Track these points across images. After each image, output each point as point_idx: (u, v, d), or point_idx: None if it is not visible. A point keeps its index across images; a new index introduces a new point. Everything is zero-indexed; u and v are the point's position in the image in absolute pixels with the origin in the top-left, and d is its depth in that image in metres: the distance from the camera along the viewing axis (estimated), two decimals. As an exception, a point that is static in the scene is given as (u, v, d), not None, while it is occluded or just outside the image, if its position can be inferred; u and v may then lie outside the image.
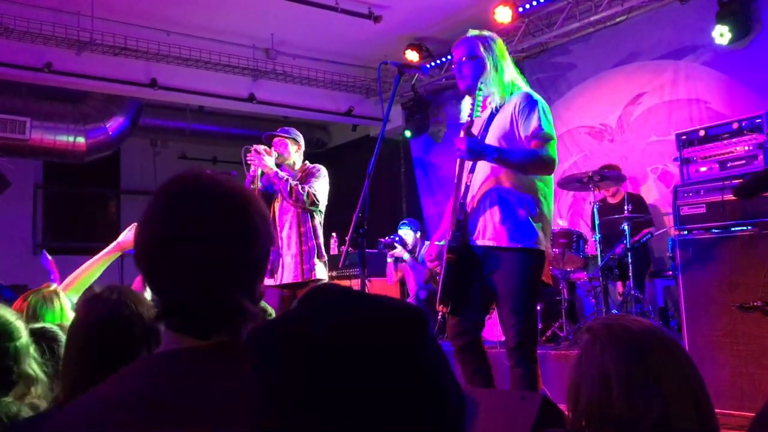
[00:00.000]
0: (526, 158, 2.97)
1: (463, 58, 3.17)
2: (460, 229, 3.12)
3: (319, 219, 4.45)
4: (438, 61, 7.89)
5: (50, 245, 9.98)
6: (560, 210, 7.18)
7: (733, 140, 4.05)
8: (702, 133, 4.25)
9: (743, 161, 4.01)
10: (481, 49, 3.15)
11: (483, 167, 3.10)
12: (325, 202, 4.45)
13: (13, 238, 9.25)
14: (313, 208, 4.32)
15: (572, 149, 7.13)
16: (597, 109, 6.96)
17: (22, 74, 6.90)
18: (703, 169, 4.19)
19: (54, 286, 2.60)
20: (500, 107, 3.13)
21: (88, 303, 1.60)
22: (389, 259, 7.07)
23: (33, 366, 1.78)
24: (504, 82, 3.14)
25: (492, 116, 3.14)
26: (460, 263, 3.08)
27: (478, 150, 2.93)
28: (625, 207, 5.40)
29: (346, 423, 0.63)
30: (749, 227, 3.79)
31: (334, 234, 7.04)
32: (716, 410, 1.35)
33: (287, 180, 4.25)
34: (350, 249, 3.20)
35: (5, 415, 1.62)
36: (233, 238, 1.04)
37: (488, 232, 3.05)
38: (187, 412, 0.92)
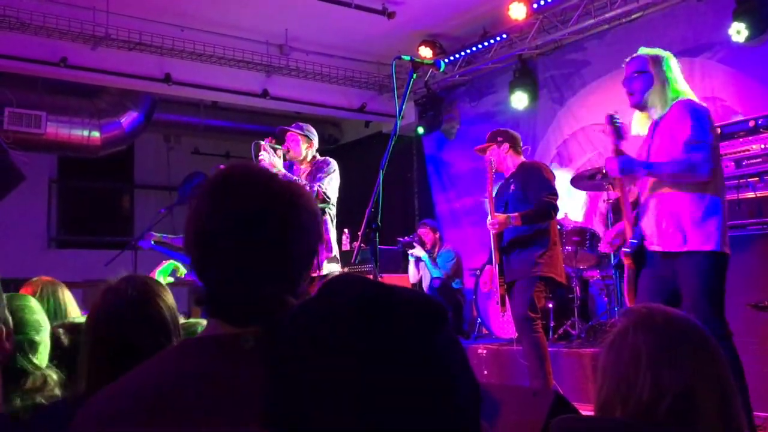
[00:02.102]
0: (674, 168, 3.12)
1: (634, 74, 3.37)
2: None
3: (330, 213, 4.45)
4: (451, 58, 7.86)
5: (64, 239, 10.06)
6: (573, 208, 7.15)
7: (750, 138, 4.02)
8: (718, 131, 4.22)
9: (759, 159, 3.98)
10: (651, 65, 3.34)
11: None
12: (336, 197, 4.45)
13: (27, 232, 9.32)
14: (323, 205, 4.33)
15: (586, 147, 7.10)
16: (611, 107, 6.86)
17: (38, 68, 6.95)
18: (718, 167, 4.15)
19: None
20: (662, 117, 3.29)
21: (105, 294, 1.59)
22: (411, 258, 7.10)
23: (44, 359, 1.78)
24: (667, 95, 3.30)
25: (655, 127, 3.31)
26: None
27: (628, 169, 3.20)
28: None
29: (360, 412, 0.63)
30: (765, 226, 3.76)
31: (346, 230, 7.05)
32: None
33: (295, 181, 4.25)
34: (362, 245, 3.19)
35: (17, 407, 1.62)
36: (280, 234, 1.06)
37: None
38: (214, 395, 0.95)
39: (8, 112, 7.34)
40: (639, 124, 3.46)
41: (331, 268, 4.39)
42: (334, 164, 4.48)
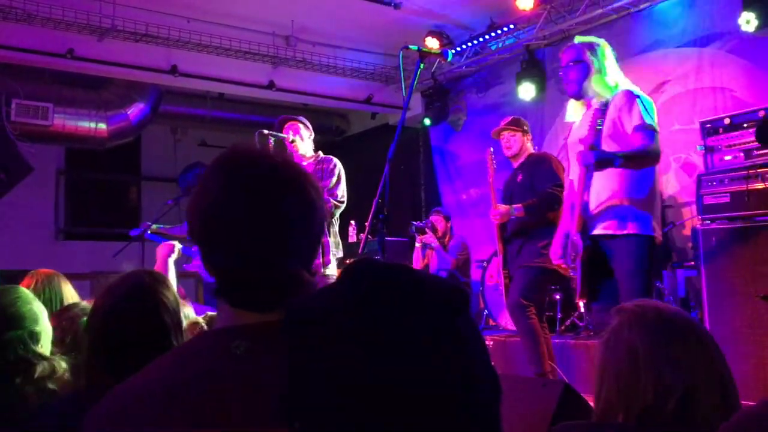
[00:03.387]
0: (641, 155, 3.13)
1: (570, 63, 3.36)
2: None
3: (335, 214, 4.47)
4: (459, 48, 7.83)
5: (72, 231, 10.09)
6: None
7: (759, 129, 3.98)
8: (727, 121, 4.19)
9: (769, 150, 3.94)
10: (587, 54, 3.35)
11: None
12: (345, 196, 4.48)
13: (35, 224, 9.35)
14: (337, 211, 4.38)
15: (593, 138, 7.06)
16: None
17: (45, 60, 6.96)
18: (727, 157, 4.13)
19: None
20: (607, 105, 3.28)
21: (106, 292, 1.59)
22: (417, 244, 7.08)
23: (47, 349, 1.78)
24: (607, 84, 3.32)
25: (600, 115, 3.27)
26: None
27: (605, 160, 3.10)
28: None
29: (378, 400, 0.62)
30: (774, 217, 3.73)
31: (352, 222, 7.05)
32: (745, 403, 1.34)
33: None
34: (369, 236, 3.19)
35: (31, 394, 1.64)
36: (293, 208, 1.04)
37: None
38: (246, 388, 0.92)
39: (15, 103, 7.35)
40: (573, 112, 3.48)
41: (332, 270, 4.40)
42: (339, 166, 4.48)
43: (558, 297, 5.78)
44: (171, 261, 3.32)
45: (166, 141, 10.44)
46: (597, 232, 3.23)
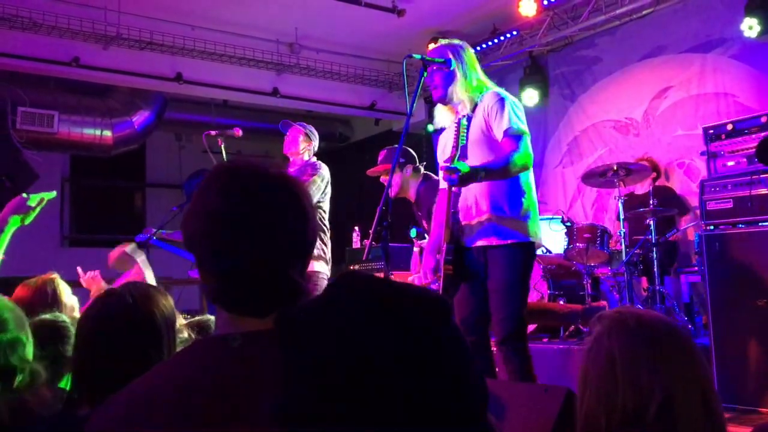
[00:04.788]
0: (506, 164, 2.98)
1: (434, 67, 3.21)
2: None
3: (318, 216, 4.43)
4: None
5: (77, 237, 10.13)
6: (584, 205, 7.13)
7: (762, 134, 3.98)
8: (730, 126, 4.19)
9: (772, 155, 3.94)
10: (450, 56, 3.22)
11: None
12: (323, 201, 4.46)
13: (40, 231, 9.37)
14: None
15: (597, 143, 7.07)
16: (622, 103, 6.89)
17: (50, 68, 7.01)
18: (730, 163, 4.13)
19: None
20: (473, 112, 3.19)
21: (96, 301, 1.60)
22: (415, 249, 7.07)
23: (28, 357, 1.75)
24: (473, 87, 3.21)
25: (468, 122, 3.17)
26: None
27: (467, 177, 2.89)
28: (651, 201, 5.34)
29: (370, 406, 0.63)
30: (777, 222, 3.73)
31: (356, 227, 7.06)
32: (742, 407, 1.34)
33: None
34: (373, 242, 3.20)
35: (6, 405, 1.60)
36: (289, 215, 1.08)
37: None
38: (247, 395, 0.94)
39: (21, 111, 7.39)
40: (442, 118, 3.34)
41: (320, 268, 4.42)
42: (321, 171, 4.48)
43: (561, 302, 5.78)
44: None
45: (170, 148, 10.48)
46: (477, 244, 3.14)
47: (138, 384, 1.04)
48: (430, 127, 8.77)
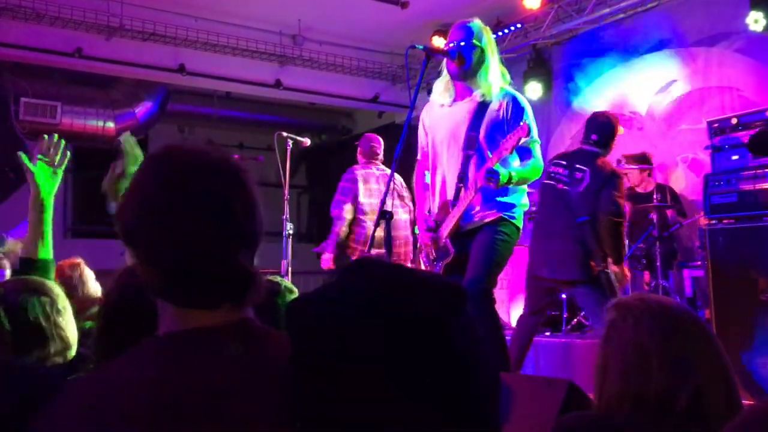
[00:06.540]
0: (529, 173, 3.17)
1: (462, 42, 3.25)
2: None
3: None
4: (465, 48, 7.81)
5: (80, 229, 10.14)
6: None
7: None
8: (734, 120, 4.18)
9: (777, 150, 3.93)
10: (485, 40, 3.29)
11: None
12: None
13: (44, 222, 9.40)
14: None
15: (600, 137, 7.04)
16: (626, 97, 6.87)
17: (54, 59, 7.00)
18: (735, 157, 4.12)
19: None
20: (488, 102, 3.23)
21: (120, 276, 1.59)
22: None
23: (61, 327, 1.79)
24: (495, 79, 3.28)
25: (478, 109, 3.23)
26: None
27: (503, 182, 3.03)
28: (654, 197, 5.33)
29: (380, 394, 0.63)
30: (782, 217, 3.72)
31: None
32: (744, 402, 1.34)
33: None
34: (376, 234, 3.21)
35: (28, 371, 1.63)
36: (234, 201, 1.02)
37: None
38: (209, 396, 0.89)
39: (23, 102, 7.39)
40: (441, 94, 3.41)
41: None
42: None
43: (564, 296, 5.77)
44: None
45: (173, 139, 10.42)
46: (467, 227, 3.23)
47: (88, 378, 1.00)
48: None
